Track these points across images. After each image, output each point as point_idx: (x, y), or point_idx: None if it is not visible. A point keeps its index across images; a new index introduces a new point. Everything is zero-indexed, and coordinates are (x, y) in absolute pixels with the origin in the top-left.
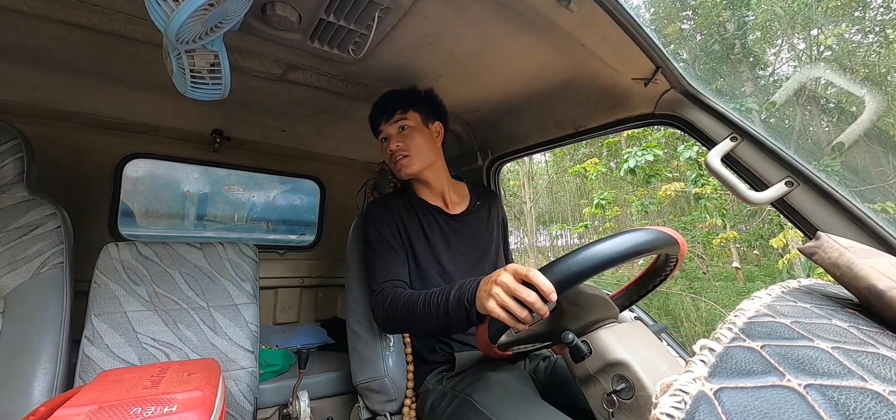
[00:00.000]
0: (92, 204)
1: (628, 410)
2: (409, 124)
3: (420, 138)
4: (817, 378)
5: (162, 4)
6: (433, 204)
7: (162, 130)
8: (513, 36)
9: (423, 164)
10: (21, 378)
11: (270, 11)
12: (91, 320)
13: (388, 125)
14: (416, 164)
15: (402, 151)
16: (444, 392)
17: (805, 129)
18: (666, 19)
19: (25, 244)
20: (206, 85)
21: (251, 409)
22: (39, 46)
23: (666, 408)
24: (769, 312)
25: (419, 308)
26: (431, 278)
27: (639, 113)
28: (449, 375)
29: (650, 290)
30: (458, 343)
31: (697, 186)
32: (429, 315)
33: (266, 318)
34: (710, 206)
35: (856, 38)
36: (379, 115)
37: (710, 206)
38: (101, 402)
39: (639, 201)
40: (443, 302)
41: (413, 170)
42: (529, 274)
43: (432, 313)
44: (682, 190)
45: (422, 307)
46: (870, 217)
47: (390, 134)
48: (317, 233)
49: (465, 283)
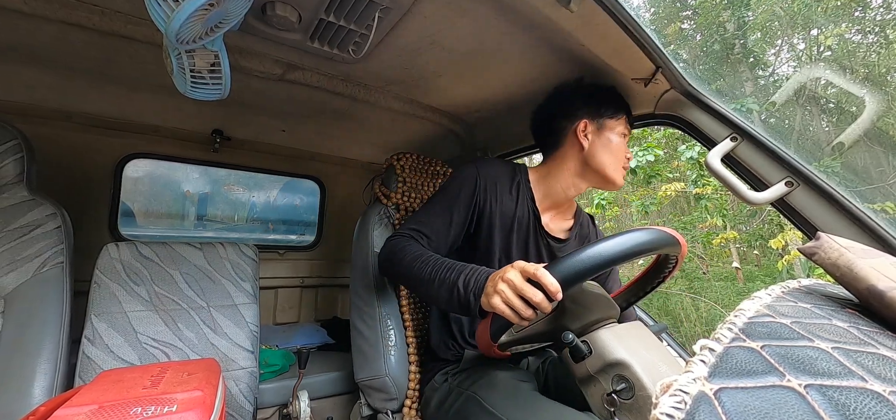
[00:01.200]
0: (92, 204)
1: (628, 410)
2: None
3: None
4: (817, 378)
5: (162, 4)
6: (538, 208)
7: (162, 130)
8: (513, 36)
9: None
10: (21, 378)
11: (270, 11)
12: (91, 320)
13: (627, 128)
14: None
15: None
16: (450, 389)
17: (805, 130)
18: (666, 19)
19: (25, 244)
20: (207, 85)
21: (251, 409)
22: (40, 46)
23: (666, 408)
24: (769, 313)
25: (426, 272)
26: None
27: (639, 113)
28: (455, 372)
29: (650, 291)
30: (468, 344)
31: (698, 187)
32: (432, 282)
33: (266, 318)
34: (710, 206)
35: (856, 39)
36: (628, 111)
37: (710, 206)
38: (101, 402)
39: (639, 201)
40: (451, 279)
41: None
42: (538, 272)
43: (436, 284)
44: (683, 190)
45: (430, 272)
46: (870, 217)
47: (626, 134)
48: (317, 233)
49: (476, 271)
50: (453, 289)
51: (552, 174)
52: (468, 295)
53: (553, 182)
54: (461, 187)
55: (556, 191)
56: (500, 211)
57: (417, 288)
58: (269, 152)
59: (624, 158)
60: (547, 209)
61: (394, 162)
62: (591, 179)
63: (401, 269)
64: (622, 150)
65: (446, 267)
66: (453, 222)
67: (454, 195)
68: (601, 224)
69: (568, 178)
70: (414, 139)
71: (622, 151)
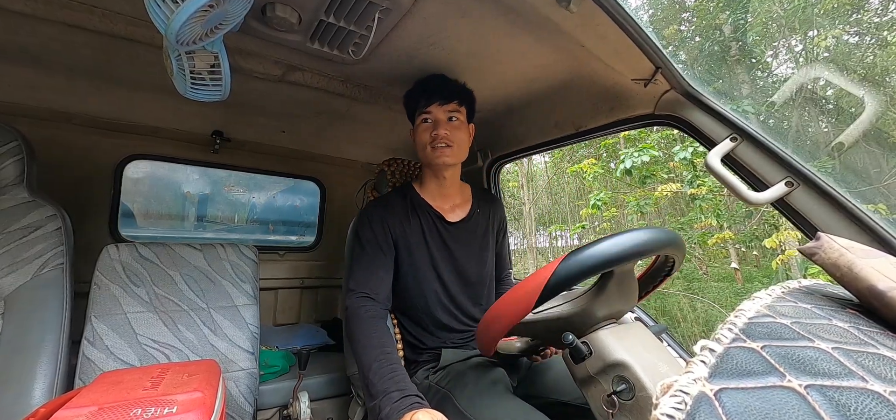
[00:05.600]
0: (92, 205)
1: (629, 411)
2: (459, 117)
3: (463, 135)
4: (818, 378)
5: (162, 6)
6: (435, 208)
7: (162, 132)
8: (513, 37)
9: (456, 161)
10: (21, 379)
11: (270, 12)
12: (91, 322)
13: (440, 108)
14: (454, 157)
15: (448, 140)
16: (429, 386)
17: (800, 131)
18: (664, 20)
19: (26, 246)
20: (207, 86)
21: (251, 411)
22: (40, 48)
23: (666, 408)
24: (769, 313)
25: (366, 362)
26: (428, 284)
27: (639, 113)
28: (435, 371)
29: (651, 291)
30: (444, 342)
31: (693, 187)
32: (369, 380)
33: (266, 319)
34: (705, 206)
35: (853, 40)
36: (432, 94)
37: (704, 206)
38: (101, 403)
39: (636, 202)
40: (378, 389)
41: (450, 162)
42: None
43: (368, 380)
44: (679, 190)
45: (367, 366)
46: (870, 217)
47: (440, 118)
48: (317, 234)
49: (399, 408)
50: (376, 401)
51: (426, 176)
52: (381, 418)
53: (429, 181)
54: (374, 229)
55: (432, 187)
56: (411, 239)
57: (360, 371)
58: (269, 153)
59: (429, 137)
60: (442, 205)
61: (385, 167)
62: (426, 166)
63: (352, 343)
64: (425, 131)
65: (381, 372)
66: (385, 262)
67: (375, 240)
68: (599, 224)
69: (428, 173)
70: None
71: (425, 133)
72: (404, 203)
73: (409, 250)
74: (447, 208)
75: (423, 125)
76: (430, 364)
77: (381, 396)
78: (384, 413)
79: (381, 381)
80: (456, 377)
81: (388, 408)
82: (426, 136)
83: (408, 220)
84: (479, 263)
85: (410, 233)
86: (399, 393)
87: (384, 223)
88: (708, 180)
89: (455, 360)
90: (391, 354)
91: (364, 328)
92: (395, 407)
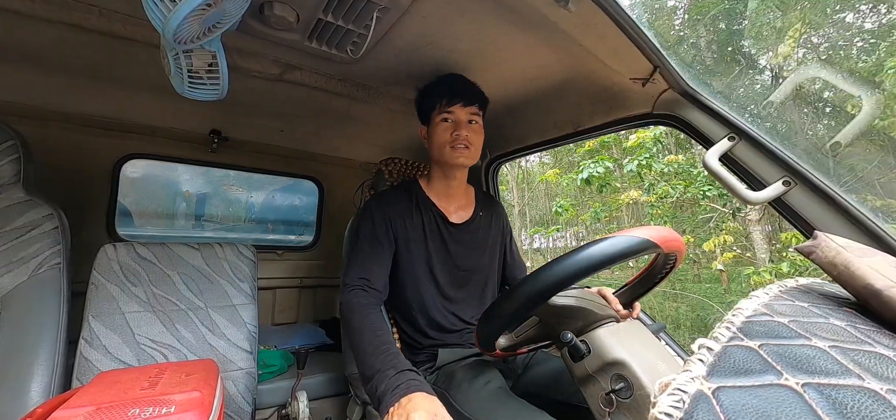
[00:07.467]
0: (90, 205)
1: (627, 410)
2: (477, 121)
3: (480, 139)
4: (815, 377)
5: (159, 5)
6: (439, 208)
7: (160, 131)
8: (511, 36)
9: (472, 163)
10: (18, 379)
11: (268, 11)
12: (88, 321)
13: (463, 109)
14: (471, 159)
15: (468, 141)
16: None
17: (791, 132)
18: (662, 21)
19: (22, 245)
20: (204, 85)
21: (250, 410)
22: (37, 47)
23: (664, 407)
24: (767, 311)
25: (361, 347)
26: (423, 283)
27: (637, 113)
28: (431, 370)
29: (651, 288)
30: (441, 343)
31: (648, 195)
32: (364, 363)
33: (264, 319)
34: (655, 213)
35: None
36: (456, 94)
37: (654, 213)
38: (99, 403)
39: (598, 208)
40: (373, 369)
41: (467, 163)
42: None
43: (367, 364)
44: (637, 200)
45: (362, 350)
46: (867, 216)
47: (462, 120)
48: (315, 233)
49: (394, 384)
50: (374, 382)
51: (435, 175)
52: (377, 398)
53: (437, 180)
54: (375, 223)
55: (439, 186)
56: (411, 235)
57: (356, 357)
58: (267, 152)
59: (449, 136)
60: (447, 205)
61: (382, 167)
62: (438, 165)
63: (348, 332)
64: (446, 131)
65: (381, 354)
66: (384, 255)
67: (375, 233)
68: (569, 228)
69: (437, 172)
70: (413, 139)
71: (445, 133)
72: (408, 199)
73: (408, 247)
74: (451, 209)
75: (443, 124)
76: (427, 364)
77: (376, 375)
78: (380, 391)
79: (376, 360)
80: (452, 376)
81: (383, 384)
82: (446, 136)
83: (410, 216)
84: (478, 265)
85: (411, 229)
86: (394, 369)
87: (386, 218)
88: (659, 189)
89: (452, 360)
90: (384, 335)
91: (358, 315)
92: (390, 382)
